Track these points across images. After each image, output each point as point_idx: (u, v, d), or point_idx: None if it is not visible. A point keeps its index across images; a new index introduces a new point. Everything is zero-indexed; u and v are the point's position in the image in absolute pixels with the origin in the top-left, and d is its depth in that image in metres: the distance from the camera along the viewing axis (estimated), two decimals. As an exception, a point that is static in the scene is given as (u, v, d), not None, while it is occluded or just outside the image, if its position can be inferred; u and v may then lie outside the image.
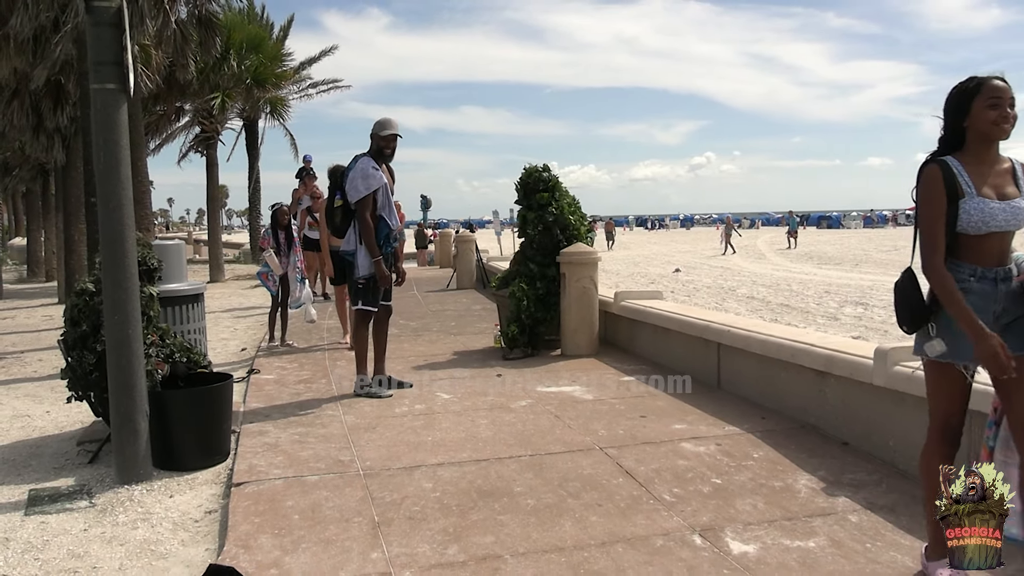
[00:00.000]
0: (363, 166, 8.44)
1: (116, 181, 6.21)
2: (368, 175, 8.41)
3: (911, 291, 4.21)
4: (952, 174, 3.91)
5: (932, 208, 3.82)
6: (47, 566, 4.88)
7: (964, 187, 3.86)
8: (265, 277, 12.00)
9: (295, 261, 11.85)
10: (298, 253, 11.96)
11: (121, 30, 6.16)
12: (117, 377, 6.23)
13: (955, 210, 3.88)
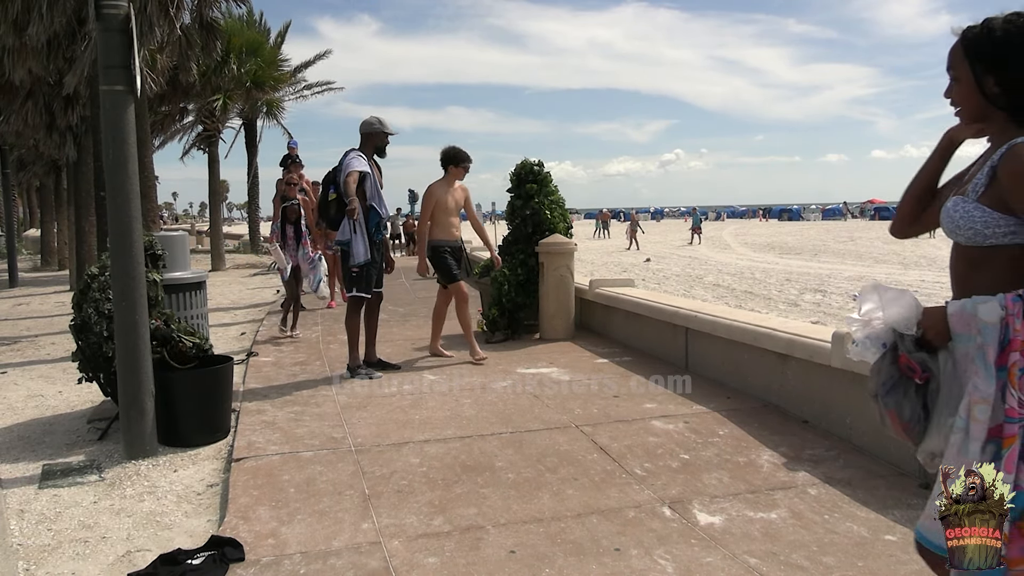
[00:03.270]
0: (355, 155, 8.54)
1: (124, 176, 6.19)
2: (358, 157, 8.55)
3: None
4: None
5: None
6: (59, 536, 4.86)
7: None
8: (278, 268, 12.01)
9: (306, 252, 11.71)
10: (307, 246, 11.79)
11: (129, 35, 6.13)
12: (125, 359, 6.21)
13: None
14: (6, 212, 25.87)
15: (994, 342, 2.45)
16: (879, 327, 2.76)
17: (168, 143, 32.84)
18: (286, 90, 34.85)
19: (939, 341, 2.64)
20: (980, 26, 2.60)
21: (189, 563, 4.32)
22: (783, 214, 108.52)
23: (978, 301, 2.50)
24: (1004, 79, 2.55)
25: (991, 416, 2.44)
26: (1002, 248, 2.53)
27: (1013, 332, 2.42)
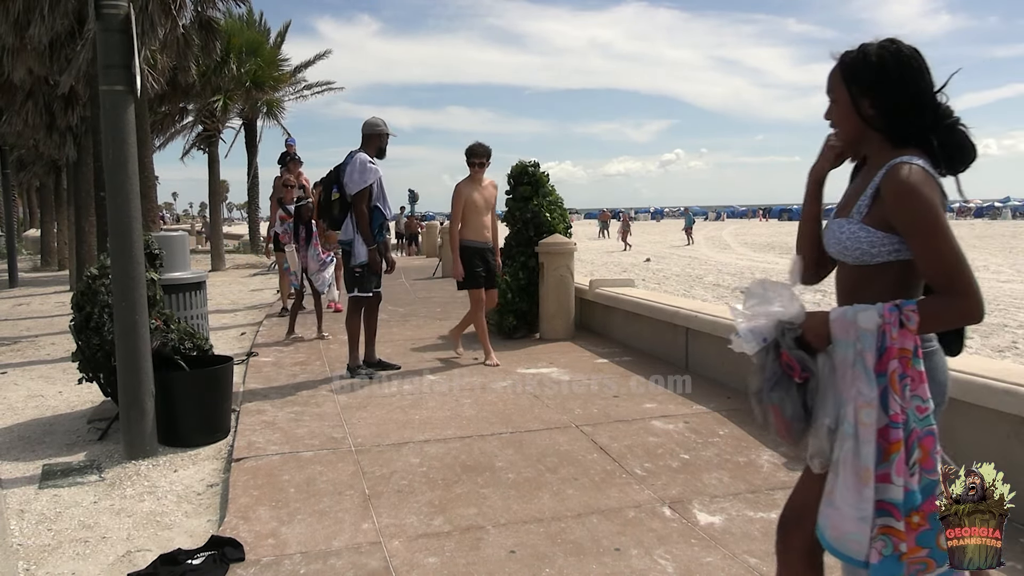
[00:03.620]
0: (362, 159, 8.45)
1: (124, 176, 6.19)
2: (366, 168, 8.42)
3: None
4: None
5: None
6: (59, 536, 4.87)
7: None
8: (289, 271, 11.78)
9: (317, 253, 11.55)
10: (317, 247, 11.53)
11: (129, 35, 6.13)
12: (125, 360, 6.22)
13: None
14: (6, 212, 25.86)
15: (872, 349, 2.57)
16: (763, 321, 2.81)
17: (168, 143, 32.89)
18: (286, 90, 34.88)
19: (819, 344, 2.72)
20: (856, 51, 2.72)
21: (189, 563, 4.32)
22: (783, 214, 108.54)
23: (858, 309, 2.61)
24: (878, 102, 2.68)
25: (877, 419, 2.57)
26: (888, 265, 2.65)
27: (890, 340, 2.55)
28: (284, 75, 33.21)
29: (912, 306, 2.53)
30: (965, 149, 2.68)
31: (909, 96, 2.65)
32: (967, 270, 2.50)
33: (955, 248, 2.51)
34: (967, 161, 2.70)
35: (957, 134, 2.68)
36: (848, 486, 2.63)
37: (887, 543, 2.55)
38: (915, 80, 2.65)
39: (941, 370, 2.77)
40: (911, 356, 2.55)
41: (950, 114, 2.68)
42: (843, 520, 2.66)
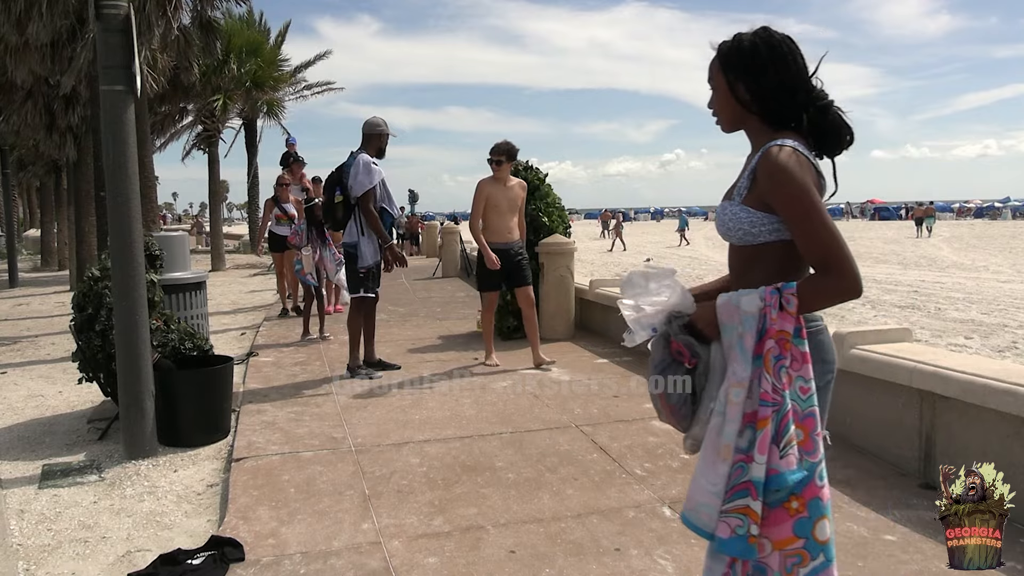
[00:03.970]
0: (365, 161, 8.45)
1: (124, 177, 6.19)
2: (371, 170, 8.44)
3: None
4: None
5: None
6: (59, 536, 4.87)
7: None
8: (303, 272, 11.62)
9: (333, 252, 11.40)
10: (331, 247, 11.33)
11: (129, 36, 6.13)
12: (125, 359, 6.22)
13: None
14: (6, 212, 25.87)
15: (752, 330, 2.62)
16: (650, 311, 2.87)
17: (168, 143, 32.84)
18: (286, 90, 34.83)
19: (710, 332, 2.76)
20: (732, 39, 2.83)
21: (189, 563, 4.32)
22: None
23: (742, 294, 2.67)
24: (752, 86, 2.78)
25: (747, 401, 2.60)
26: (770, 244, 2.72)
27: (769, 322, 2.59)
28: (284, 75, 33.19)
29: (792, 288, 2.59)
30: (838, 131, 2.78)
31: (780, 80, 2.75)
32: (842, 248, 2.56)
33: (829, 227, 2.57)
34: (841, 143, 2.79)
35: (830, 116, 2.77)
36: (707, 460, 2.69)
37: (743, 522, 2.55)
38: (785, 65, 2.74)
39: (828, 349, 2.81)
40: (791, 337, 2.60)
41: (823, 97, 2.78)
42: (697, 491, 2.71)
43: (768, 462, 2.54)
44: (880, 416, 5.84)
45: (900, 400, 5.62)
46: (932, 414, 5.37)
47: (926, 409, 5.41)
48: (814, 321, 2.75)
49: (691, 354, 2.78)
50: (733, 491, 2.58)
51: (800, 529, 2.57)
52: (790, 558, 2.58)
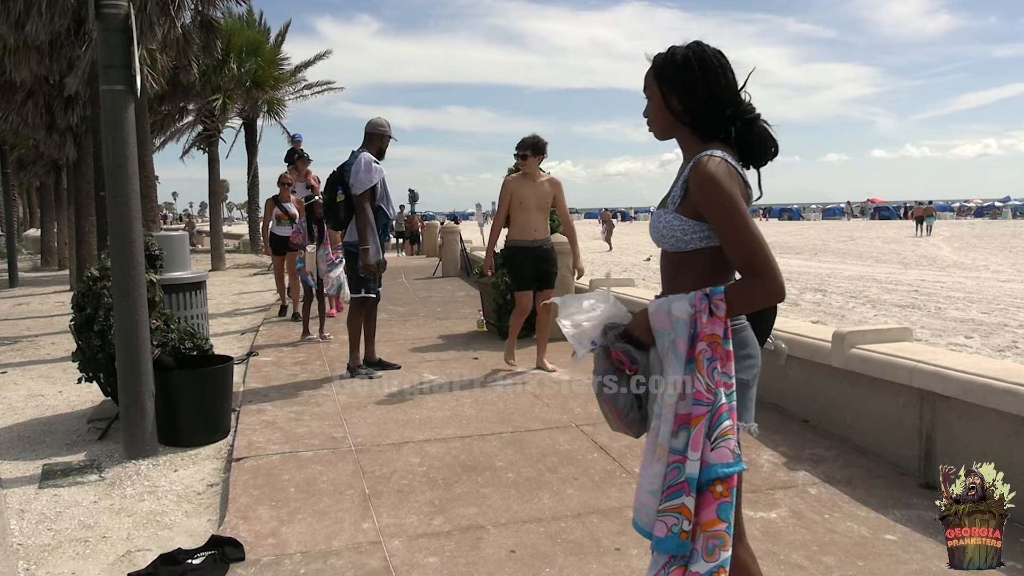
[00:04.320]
0: (367, 159, 8.45)
1: (124, 176, 6.19)
2: (371, 168, 8.44)
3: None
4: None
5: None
6: (60, 535, 4.87)
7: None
8: (304, 271, 11.52)
9: (326, 253, 11.31)
10: (328, 247, 11.21)
11: (129, 35, 6.13)
12: (125, 359, 6.22)
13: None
14: (6, 212, 25.87)
15: (684, 335, 2.75)
16: (587, 326, 3.01)
17: (168, 143, 32.88)
18: (286, 90, 34.86)
19: (646, 339, 2.89)
20: (666, 52, 2.95)
21: (189, 563, 4.32)
22: (783, 213, 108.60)
23: (672, 300, 2.81)
24: (683, 99, 2.90)
25: (681, 403, 2.74)
26: (701, 251, 2.86)
27: (700, 326, 2.72)
28: (284, 75, 33.22)
29: (720, 294, 2.72)
30: (764, 143, 2.92)
31: (711, 93, 2.86)
32: (765, 253, 2.68)
33: (753, 234, 2.70)
34: (766, 154, 2.94)
35: (756, 129, 2.91)
36: (647, 461, 2.83)
37: (678, 520, 2.67)
38: (716, 79, 2.86)
39: (751, 344, 2.96)
40: (720, 339, 2.72)
41: (751, 111, 2.91)
42: (639, 491, 2.86)
43: (701, 456, 2.67)
44: (880, 416, 5.84)
45: (900, 400, 5.62)
46: (932, 414, 5.37)
47: (926, 409, 5.42)
48: (737, 320, 2.88)
49: (630, 361, 2.90)
50: (670, 491, 2.71)
51: (723, 512, 2.69)
52: (712, 539, 2.68)
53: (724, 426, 2.70)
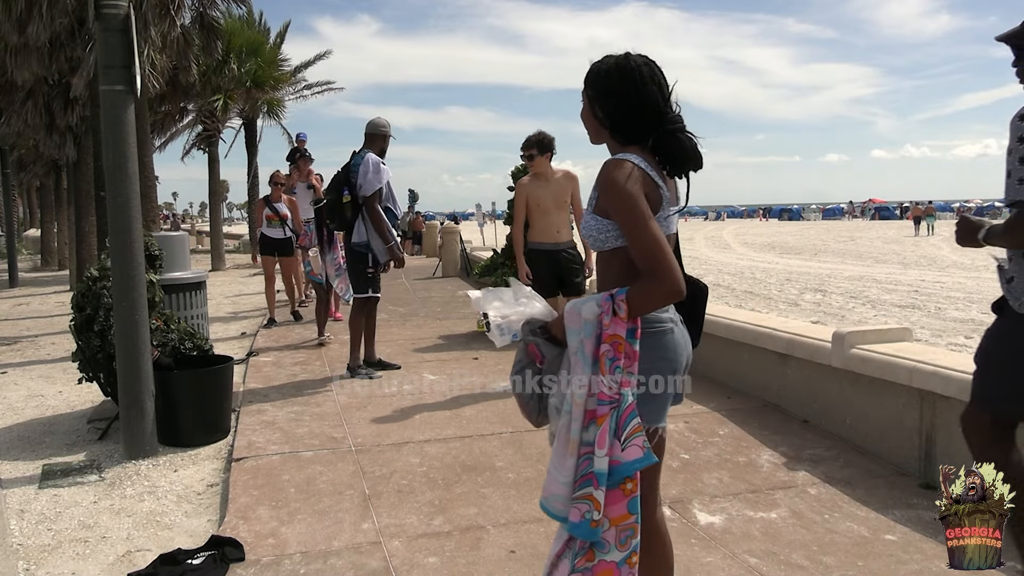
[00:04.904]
0: (374, 161, 8.45)
1: (124, 176, 6.19)
2: (379, 169, 8.45)
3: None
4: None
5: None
6: (59, 536, 4.87)
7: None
8: (313, 272, 11.40)
9: (335, 257, 11.15)
10: (337, 251, 11.17)
11: (129, 35, 6.13)
12: (125, 359, 6.22)
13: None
14: (6, 212, 25.85)
15: (592, 336, 2.83)
16: (514, 319, 3.18)
17: (168, 143, 32.82)
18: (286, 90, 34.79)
19: (562, 338, 2.99)
20: (599, 61, 3.09)
21: (189, 563, 4.32)
22: (783, 214, 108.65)
23: (584, 301, 2.91)
24: (606, 107, 3.05)
25: (589, 399, 2.81)
26: (617, 250, 2.96)
27: (603, 326, 2.82)
28: (284, 75, 33.16)
29: (622, 295, 2.81)
30: (683, 154, 2.99)
31: (630, 104, 2.98)
32: (662, 254, 2.77)
33: (651, 235, 2.79)
34: (686, 165, 3.01)
35: (674, 141, 2.98)
36: (558, 454, 2.92)
37: (589, 508, 2.77)
38: (636, 90, 2.97)
39: (670, 348, 3.01)
40: (623, 340, 2.81)
41: (675, 122, 3.00)
42: (552, 483, 2.93)
43: (610, 454, 2.78)
44: (880, 416, 5.84)
45: (900, 400, 5.62)
46: (932, 414, 5.37)
47: (926, 409, 5.41)
48: (658, 322, 2.98)
49: (541, 355, 3.09)
50: (581, 480, 2.81)
51: (633, 507, 2.83)
52: (623, 532, 2.82)
53: (632, 424, 2.80)
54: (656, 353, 2.95)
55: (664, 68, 3.01)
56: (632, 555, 2.83)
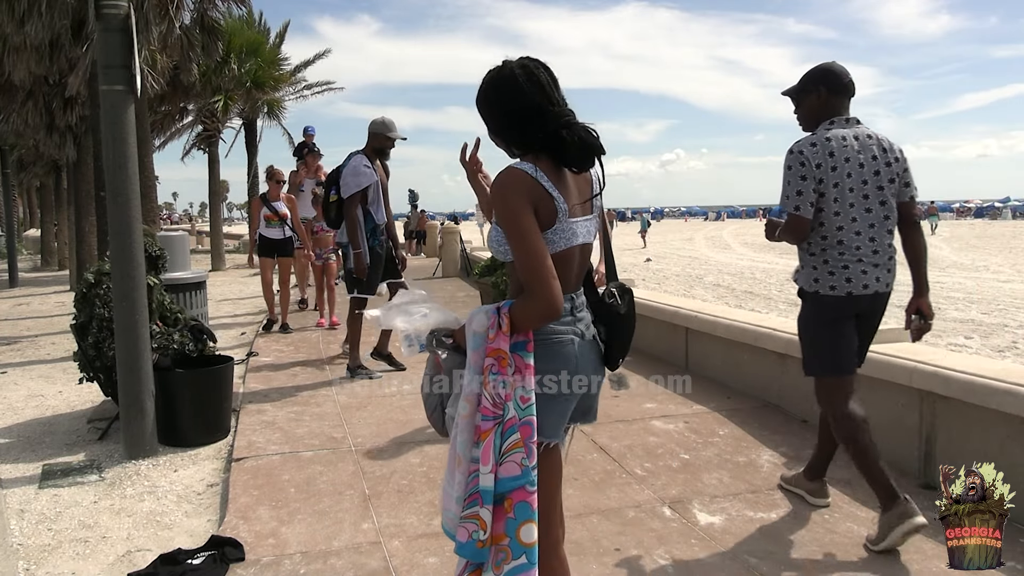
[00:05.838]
0: (355, 164, 8.40)
1: (124, 176, 6.19)
2: (359, 172, 8.36)
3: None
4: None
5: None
6: (59, 536, 4.87)
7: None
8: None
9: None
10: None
11: (129, 35, 6.13)
12: (125, 360, 6.22)
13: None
14: (6, 212, 25.85)
15: (480, 348, 2.83)
16: (422, 329, 3.14)
17: (168, 143, 32.80)
18: (286, 90, 34.76)
19: (463, 347, 2.96)
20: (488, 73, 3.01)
21: (189, 563, 4.32)
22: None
23: (476, 312, 2.91)
24: (490, 120, 3.01)
25: (476, 415, 2.80)
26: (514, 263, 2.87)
27: (488, 340, 2.81)
28: (284, 75, 33.14)
29: (506, 309, 2.80)
30: (574, 147, 2.83)
31: (510, 112, 2.91)
32: (539, 272, 2.71)
33: (528, 250, 2.73)
34: (582, 156, 2.87)
35: (560, 137, 2.84)
36: (449, 469, 2.90)
37: (476, 527, 2.73)
38: (513, 98, 2.89)
39: (567, 359, 2.92)
40: (507, 354, 2.77)
41: (560, 117, 2.88)
42: (445, 498, 2.92)
43: (494, 471, 2.73)
44: (880, 416, 5.83)
45: (900, 400, 5.62)
46: (932, 414, 5.37)
47: (926, 409, 5.41)
48: (554, 334, 2.90)
49: (441, 365, 3.10)
50: (469, 499, 2.77)
51: (507, 528, 2.75)
52: (499, 553, 2.76)
53: (511, 440, 2.74)
54: (550, 365, 2.88)
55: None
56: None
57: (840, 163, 4.55)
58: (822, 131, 4.65)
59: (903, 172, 4.71)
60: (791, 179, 4.62)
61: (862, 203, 4.60)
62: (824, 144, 4.57)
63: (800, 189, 4.57)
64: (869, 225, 4.64)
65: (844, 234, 4.61)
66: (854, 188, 4.57)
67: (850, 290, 4.66)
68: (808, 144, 4.60)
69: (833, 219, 4.60)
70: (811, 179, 4.55)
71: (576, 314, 2.98)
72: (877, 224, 4.66)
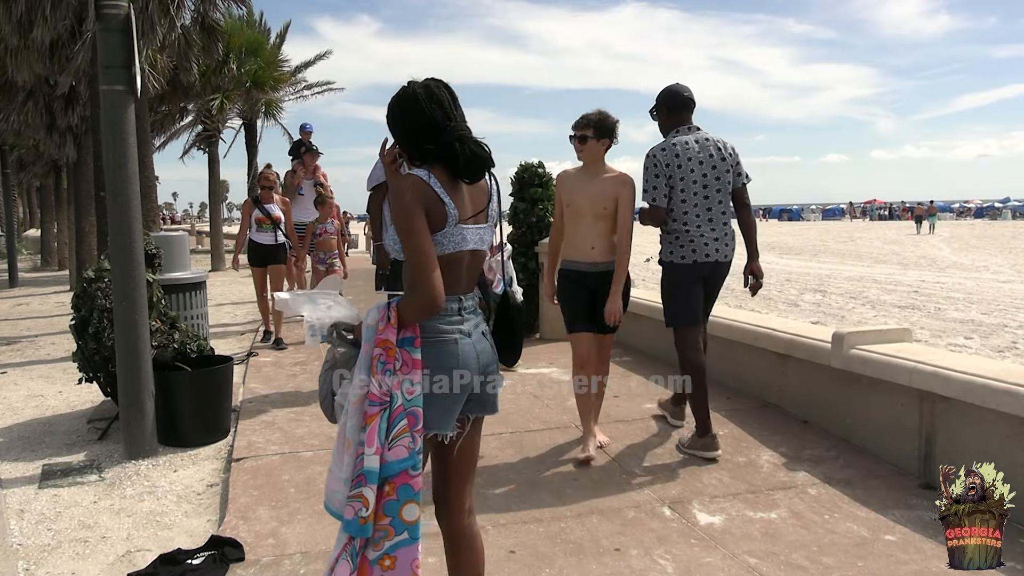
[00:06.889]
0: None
1: (124, 176, 6.19)
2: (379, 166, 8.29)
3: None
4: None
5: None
6: (59, 536, 4.87)
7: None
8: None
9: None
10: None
11: (129, 35, 6.13)
12: (124, 359, 6.22)
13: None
14: (6, 212, 25.84)
15: (371, 340, 3.03)
16: (326, 322, 3.41)
17: (168, 143, 32.80)
18: (286, 90, 34.74)
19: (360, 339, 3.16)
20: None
21: (189, 563, 4.32)
22: (783, 214, 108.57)
23: (372, 308, 3.10)
24: (395, 134, 3.24)
25: (365, 401, 2.98)
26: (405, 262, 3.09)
27: (378, 332, 3.01)
28: (284, 75, 33.12)
29: (395, 303, 3.03)
30: (464, 158, 3.06)
31: (410, 126, 3.14)
32: (423, 267, 2.93)
33: (415, 248, 2.96)
34: (471, 168, 3.10)
35: (451, 149, 3.06)
36: (337, 452, 3.09)
37: (361, 506, 2.92)
38: (414, 114, 3.11)
39: (450, 357, 3.10)
40: (394, 345, 2.98)
41: (455, 131, 3.09)
42: (332, 480, 3.10)
43: (379, 453, 2.93)
44: (880, 416, 5.84)
45: (900, 400, 5.62)
46: (932, 414, 5.37)
47: (926, 409, 5.41)
48: (438, 333, 3.09)
49: (335, 355, 3.29)
50: (356, 480, 2.95)
51: (388, 509, 2.97)
52: (379, 531, 2.97)
53: (399, 426, 2.95)
54: (436, 362, 3.06)
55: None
56: (385, 557, 2.98)
57: (684, 162, 5.90)
58: (671, 138, 6.02)
59: (735, 165, 6.09)
60: (648, 177, 5.96)
61: (702, 192, 5.96)
62: (671, 148, 5.93)
63: (656, 184, 5.93)
64: (707, 209, 5.98)
65: (688, 217, 5.97)
66: (696, 181, 5.93)
67: (695, 259, 6.03)
68: (660, 149, 5.96)
69: (680, 206, 5.96)
70: (663, 176, 5.91)
71: (464, 315, 3.17)
72: (714, 208, 5.99)
